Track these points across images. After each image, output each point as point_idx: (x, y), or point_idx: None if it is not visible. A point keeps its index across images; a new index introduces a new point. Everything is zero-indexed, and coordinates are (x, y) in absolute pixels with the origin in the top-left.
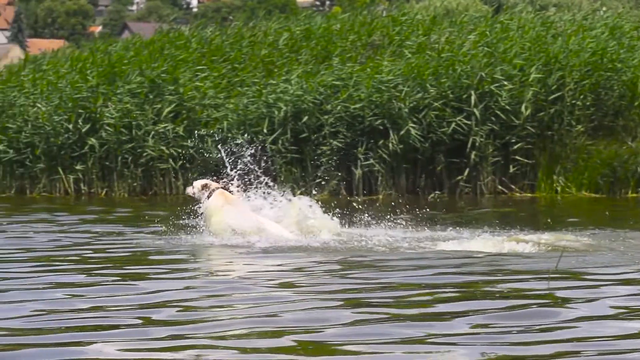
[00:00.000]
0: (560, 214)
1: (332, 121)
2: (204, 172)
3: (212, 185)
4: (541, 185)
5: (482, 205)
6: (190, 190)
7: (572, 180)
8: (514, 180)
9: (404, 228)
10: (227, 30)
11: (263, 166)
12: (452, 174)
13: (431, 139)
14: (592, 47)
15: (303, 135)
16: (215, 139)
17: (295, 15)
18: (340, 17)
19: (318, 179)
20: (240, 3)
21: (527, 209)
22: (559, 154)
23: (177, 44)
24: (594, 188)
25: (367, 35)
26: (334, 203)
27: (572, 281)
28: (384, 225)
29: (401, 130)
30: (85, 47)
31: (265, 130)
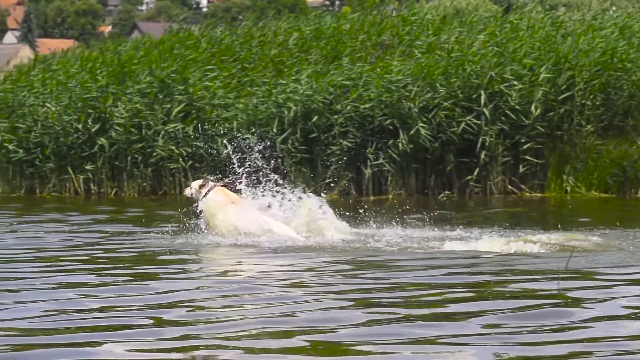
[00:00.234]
0: (570, 214)
1: (341, 121)
2: (214, 171)
3: (210, 183)
4: (551, 185)
5: (492, 205)
6: (188, 192)
7: (581, 180)
8: (524, 180)
9: (414, 228)
10: (237, 30)
11: (273, 163)
12: (462, 173)
13: (441, 138)
14: (602, 47)
15: (313, 135)
16: (221, 133)
17: (305, 15)
18: (350, 17)
19: (328, 179)
20: (250, 3)
21: (537, 209)
22: (569, 154)
23: (186, 44)
24: (604, 188)
25: (377, 35)
26: (344, 203)
27: (582, 281)
28: (393, 225)
29: (411, 130)
30: (95, 47)
31: (275, 130)
